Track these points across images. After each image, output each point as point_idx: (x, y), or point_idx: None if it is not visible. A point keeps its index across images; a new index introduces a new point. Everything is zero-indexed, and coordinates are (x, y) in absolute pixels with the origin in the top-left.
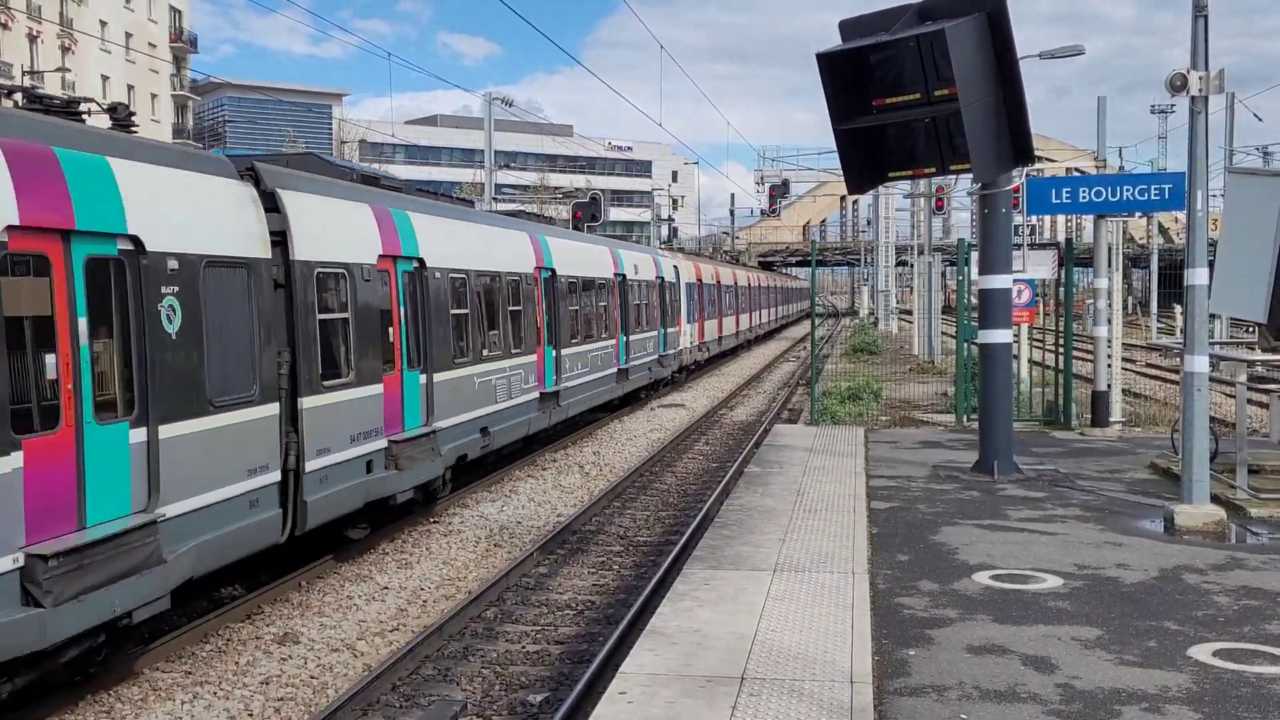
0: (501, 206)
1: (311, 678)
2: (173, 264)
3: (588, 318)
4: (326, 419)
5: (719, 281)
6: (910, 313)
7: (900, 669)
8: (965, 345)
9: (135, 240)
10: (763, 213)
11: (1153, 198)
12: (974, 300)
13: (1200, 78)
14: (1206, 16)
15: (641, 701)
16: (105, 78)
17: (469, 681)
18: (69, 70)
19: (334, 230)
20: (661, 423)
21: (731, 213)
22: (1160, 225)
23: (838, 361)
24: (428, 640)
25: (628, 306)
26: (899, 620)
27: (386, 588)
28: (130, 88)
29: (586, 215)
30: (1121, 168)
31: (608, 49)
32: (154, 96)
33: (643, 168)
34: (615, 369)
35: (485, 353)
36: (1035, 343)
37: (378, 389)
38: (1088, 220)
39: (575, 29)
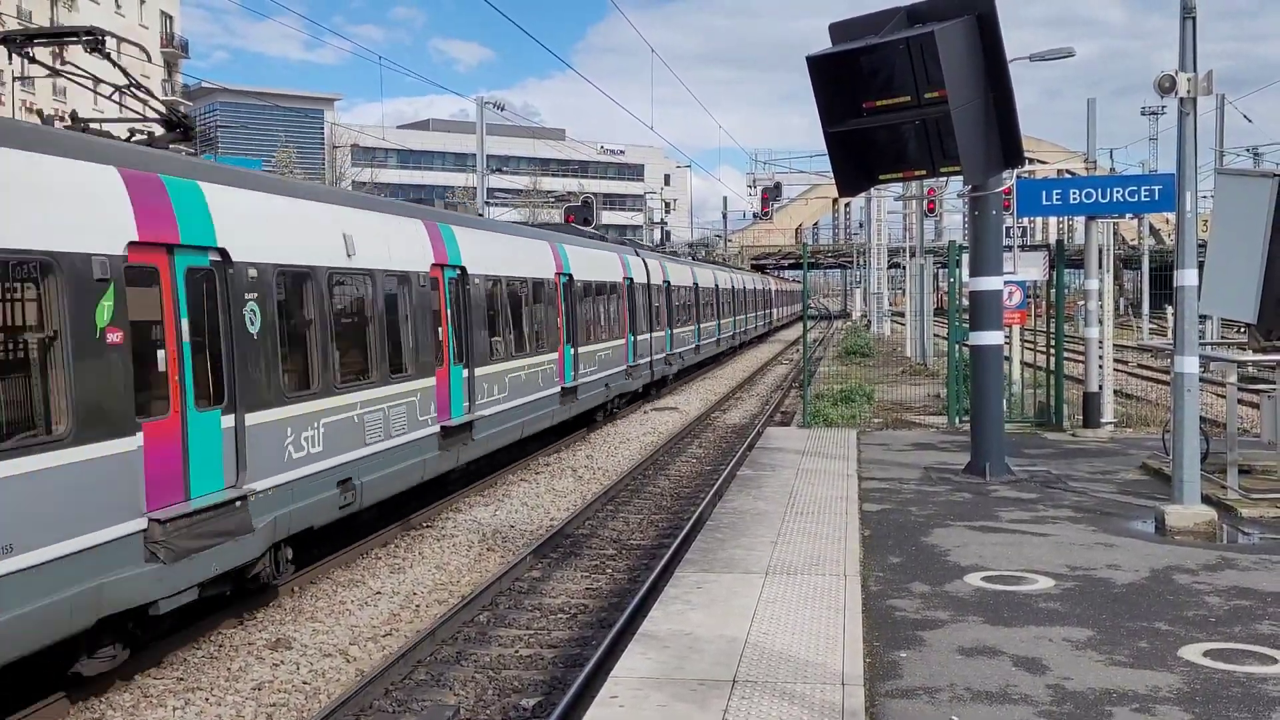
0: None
1: (304, 683)
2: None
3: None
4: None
5: (778, 289)
6: (903, 315)
7: (892, 671)
8: (956, 347)
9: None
10: (755, 216)
11: (1143, 199)
12: (965, 302)
13: (1188, 79)
14: (1194, 19)
15: (633, 705)
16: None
17: (462, 686)
18: None
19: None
20: (655, 425)
21: (724, 216)
22: (1151, 226)
23: (830, 364)
24: (420, 645)
25: (765, 302)
26: (891, 622)
27: (379, 592)
28: None
29: (579, 219)
30: (1112, 169)
31: (601, 54)
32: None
33: (635, 171)
34: (768, 323)
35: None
36: (1027, 344)
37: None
38: (1079, 222)
39: (569, 33)
